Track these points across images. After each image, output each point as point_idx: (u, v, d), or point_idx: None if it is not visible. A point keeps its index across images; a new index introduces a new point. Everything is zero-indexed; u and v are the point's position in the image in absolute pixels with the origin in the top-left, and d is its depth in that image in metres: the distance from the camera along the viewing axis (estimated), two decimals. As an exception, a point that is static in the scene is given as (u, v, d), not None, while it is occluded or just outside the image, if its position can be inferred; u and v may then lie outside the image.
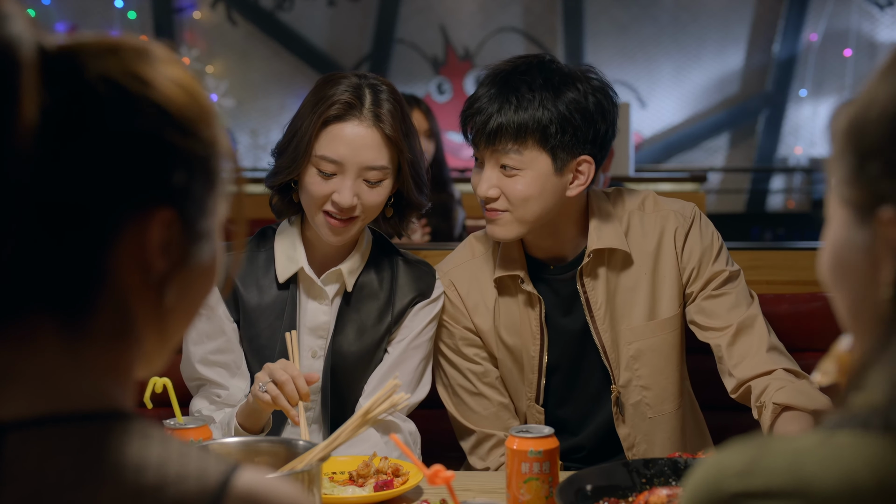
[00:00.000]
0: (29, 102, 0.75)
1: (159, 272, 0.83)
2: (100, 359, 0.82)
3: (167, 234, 0.82)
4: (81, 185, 0.78)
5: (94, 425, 0.79)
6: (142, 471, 0.77)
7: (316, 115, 1.94)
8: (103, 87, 0.79)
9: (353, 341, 2.03)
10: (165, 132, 0.81)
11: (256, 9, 7.48)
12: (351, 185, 1.93)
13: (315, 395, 2.04)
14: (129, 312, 0.83)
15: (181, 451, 0.80)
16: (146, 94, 0.80)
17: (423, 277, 2.08)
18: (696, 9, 7.63)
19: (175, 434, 1.71)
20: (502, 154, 1.96)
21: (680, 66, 7.68)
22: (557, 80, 1.96)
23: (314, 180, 1.94)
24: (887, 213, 0.81)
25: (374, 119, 1.93)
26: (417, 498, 1.78)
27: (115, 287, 0.81)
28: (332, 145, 1.93)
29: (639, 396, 2.08)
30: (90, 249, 0.79)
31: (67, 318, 0.80)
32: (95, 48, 0.81)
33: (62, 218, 0.78)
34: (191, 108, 0.83)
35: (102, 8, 7.29)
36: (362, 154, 1.93)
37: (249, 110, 7.25)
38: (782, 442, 0.79)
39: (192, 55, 7.15)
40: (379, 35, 7.56)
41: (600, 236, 2.04)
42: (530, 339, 2.08)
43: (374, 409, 1.58)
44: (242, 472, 0.80)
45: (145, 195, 0.81)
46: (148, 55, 0.83)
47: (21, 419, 0.78)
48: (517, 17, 7.60)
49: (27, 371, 0.80)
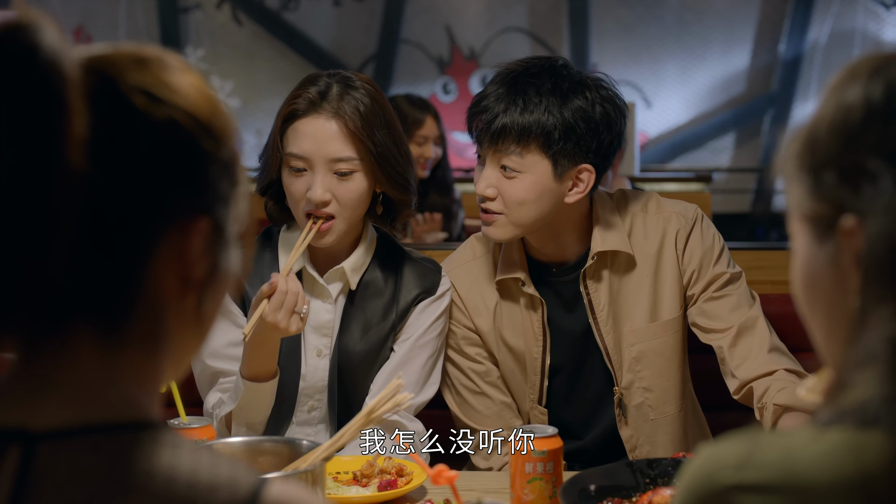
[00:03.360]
0: (78, 116, 0.76)
1: (198, 280, 0.84)
2: (131, 367, 0.83)
3: (205, 242, 0.84)
4: (127, 197, 0.79)
5: (125, 435, 0.80)
6: (172, 481, 0.78)
7: (281, 113, 1.97)
8: (139, 97, 0.80)
9: (359, 339, 2.03)
10: (201, 139, 0.83)
11: (262, 9, 7.48)
12: (321, 179, 1.94)
13: (321, 394, 2.04)
14: (163, 320, 0.84)
15: (212, 462, 0.80)
16: (178, 102, 0.82)
17: (427, 274, 2.08)
18: (701, 9, 7.61)
19: (178, 434, 1.72)
20: (504, 154, 1.96)
21: (685, 67, 7.66)
22: (566, 86, 1.95)
23: (289, 180, 1.97)
24: (849, 221, 0.82)
25: (334, 112, 1.94)
26: (421, 498, 1.78)
27: (153, 295, 0.83)
28: (296, 141, 1.95)
29: (641, 398, 2.08)
30: (132, 259, 0.81)
31: (106, 327, 0.82)
32: (123, 60, 0.82)
33: (108, 229, 0.79)
34: (216, 116, 0.85)
35: (108, 8, 7.29)
36: (326, 147, 1.94)
37: (255, 110, 7.26)
38: (776, 437, 0.80)
39: (198, 55, 7.15)
40: (384, 35, 7.56)
41: (604, 238, 2.04)
42: (532, 340, 2.08)
43: (377, 409, 1.58)
44: (273, 483, 0.81)
45: (185, 202, 0.83)
46: (168, 65, 0.84)
47: (52, 430, 0.78)
48: (522, 17, 7.59)
49: (63, 381, 0.80)
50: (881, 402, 0.77)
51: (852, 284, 0.82)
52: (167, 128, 0.81)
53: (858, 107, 0.84)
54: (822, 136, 0.85)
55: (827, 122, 0.85)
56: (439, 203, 4.14)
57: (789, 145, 0.89)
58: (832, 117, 0.85)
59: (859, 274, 0.82)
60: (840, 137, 0.84)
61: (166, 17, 7.36)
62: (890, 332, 0.79)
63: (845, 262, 0.83)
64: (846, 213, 0.82)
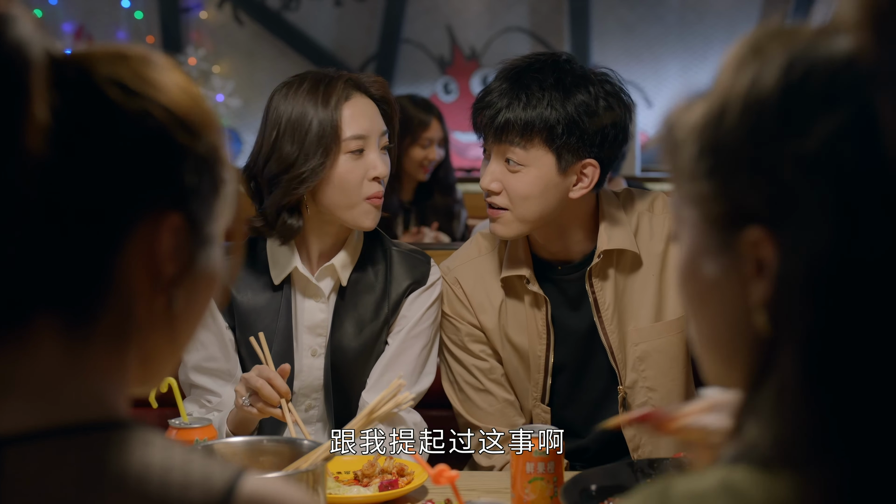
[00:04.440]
0: (39, 101, 0.75)
1: (168, 277, 0.82)
2: (99, 363, 0.81)
3: (176, 239, 0.82)
4: (93, 186, 0.78)
5: (94, 436, 0.78)
6: (144, 480, 0.76)
7: (332, 102, 1.95)
8: (112, 89, 0.79)
9: (353, 336, 2.03)
10: (175, 133, 0.81)
11: (263, 9, 7.47)
12: (379, 154, 1.99)
13: (317, 393, 2.04)
14: (133, 317, 0.82)
15: (184, 458, 0.79)
16: (154, 96, 0.81)
17: (417, 266, 2.09)
18: (702, 8, 7.61)
19: (180, 433, 1.71)
20: (508, 149, 1.97)
21: (686, 66, 7.65)
22: (569, 81, 1.96)
23: (348, 167, 1.96)
24: (754, 233, 0.72)
25: (366, 92, 2.02)
26: (422, 498, 1.78)
27: (122, 290, 0.81)
28: (354, 122, 1.97)
29: (645, 398, 2.07)
30: (100, 250, 0.79)
31: (72, 321, 0.80)
32: (101, 54, 0.82)
33: (73, 218, 0.77)
34: (196, 112, 0.83)
35: (109, 8, 7.29)
36: (377, 122, 2.01)
37: (256, 110, 7.24)
38: (684, 485, 0.73)
39: (199, 55, 7.14)
40: (385, 35, 7.55)
41: (611, 237, 2.04)
42: (537, 338, 2.08)
43: (378, 409, 1.59)
44: (248, 477, 0.80)
45: (156, 196, 0.81)
46: (152, 62, 0.83)
47: (19, 433, 0.77)
48: (524, 17, 7.59)
49: (27, 379, 0.79)
50: (783, 441, 0.70)
51: (755, 297, 0.73)
52: (138, 119, 0.80)
53: (772, 100, 0.71)
54: (730, 128, 0.73)
55: (735, 110, 0.73)
56: (441, 203, 4.13)
57: (686, 111, 0.77)
58: (741, 106, 0.72)
59: (766, 289, 0.72)
60: (751, 134, 0.72)
61: (167, 16, 7.35)
62: (800, 364, 0.69)
63: (747, 271, 0.73)
64: (753, 223, 0.72)
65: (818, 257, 0.69)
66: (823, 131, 0.69)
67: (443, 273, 2.15)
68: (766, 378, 0.73)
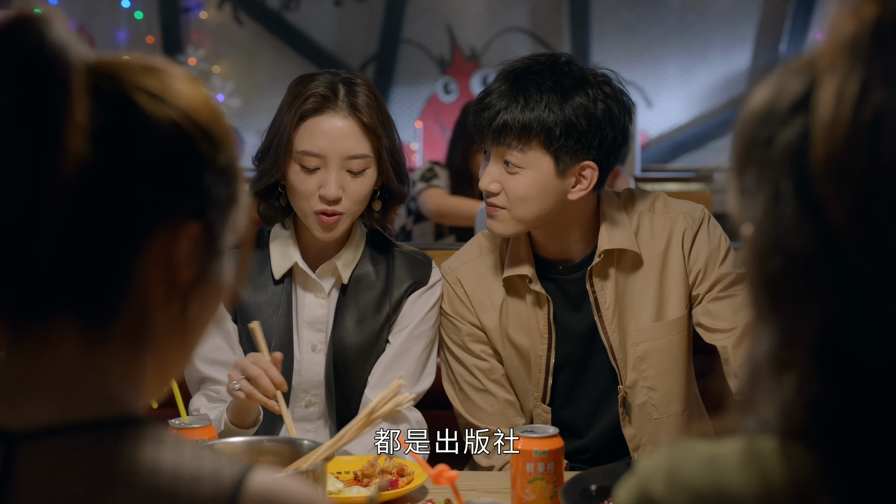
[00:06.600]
0: (80, 103, 0.77)
1: (183, 283, 0.85)
2: (115, 363, 0.83)
3: (194, 247, 0.84)
4: (122, 189, 0.80)
5: (107, 433, 0.80)
6: (155, 475, 0.78)
7: (292, 111, 1.96)
8: (143, 97, 0.82)
9: (353, 333, 2.04)
10: (199, 143, 0.84)
11: (263, 9, 7.47)
12: (335, 176, 1.95)
13: (318, 390, 2.05)
14: (149, 321, 0.84)
15: (194, 454, 0.80)
16: (181, 106, 0.83)
17: (418, 266, 2.10)
18: (702, 9, 7.61)
19: (180, 433, 1.72)
20: (506, 150, 1.97)
21: (686, 66, 7.66)
22: (567, 83, 1.96)
23: (299, 177, 1.96)
24: (746, 230, 0.80)
25: (351, 109, 1.96)
26: (422, 498, 1.78)
27: (140, 294, 0.83)
28: (311, 139, 1.95)
29: (645, 397, 2.07)
30: (122, 253, 0.81)
31: (91, 321, 0.82)
32: (129, 63, 0.84)
33: (100, 219, 0.80)
34: (218, 125, 0.86)
35: (109, 8, 7.29)
36: (342, 144, 1.95)
37: (256, 110, 7.25)
38: (706, 446, 0.79)
39: (199, 55, 7.14)
40: (385, 35, 7.55)
41: (611, 237, 2.04)
42: (538, 338, 2.08)
43: (378, 409, 1.59)
44: (256, 472, 0.81)
45: (178, 202, 0.83)
46: (177, 74, 0.86)
47: (33, 429, 0.78)
48: (524, 17, 7.59)
49: (45, 377, 0.81)
50: (800, 409, 0.75)
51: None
52: (166, 127, 0.82)
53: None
54: (750, 129, 0.83)
55: (755, 114, 0.82)
56: None
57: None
58: (759, 109, 0.82)
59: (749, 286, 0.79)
60: (761, 132, 0.81)
61: (167, 16, 7.35)
62: (769, 347, 0.76)
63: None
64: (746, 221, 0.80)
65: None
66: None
67: (444, 273, 2.15)
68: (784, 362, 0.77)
